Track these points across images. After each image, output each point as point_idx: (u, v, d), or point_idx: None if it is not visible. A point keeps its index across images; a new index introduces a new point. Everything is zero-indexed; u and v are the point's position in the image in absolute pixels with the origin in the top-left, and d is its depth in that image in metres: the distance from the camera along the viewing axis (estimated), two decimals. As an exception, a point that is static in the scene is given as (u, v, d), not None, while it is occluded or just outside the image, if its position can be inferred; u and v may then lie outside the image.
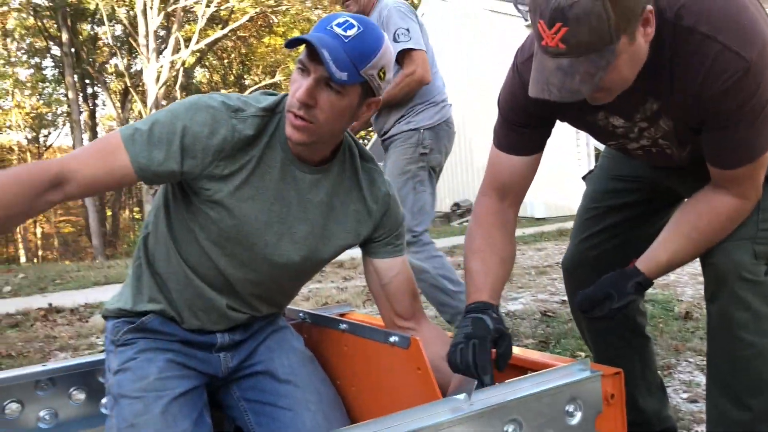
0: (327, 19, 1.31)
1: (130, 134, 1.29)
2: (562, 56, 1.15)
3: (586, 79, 1.15)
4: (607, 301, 1.40)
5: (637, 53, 1.20)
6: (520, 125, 1.48)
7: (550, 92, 1.17)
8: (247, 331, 1.57)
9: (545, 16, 1.13)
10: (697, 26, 1.22)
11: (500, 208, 1.52)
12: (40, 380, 1.62)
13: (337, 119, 1.33)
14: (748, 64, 1.20)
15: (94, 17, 23.71)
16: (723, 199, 1.37)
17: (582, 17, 1.09)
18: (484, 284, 1.41)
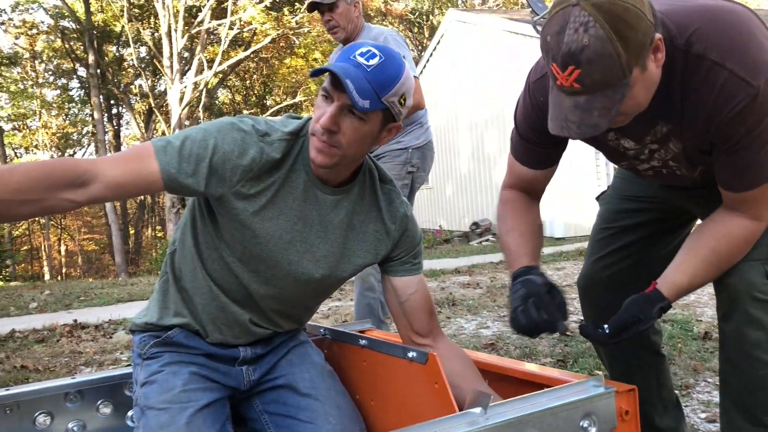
0: (350, 48, 1.36)
1: (162, 145, 1.35)
2: (578, 95, 1.19)
3: (603, 113, 1.19)
4: (634, 325, 1.41)
5: (650, 79, 1.23)
6: (535, 143, 1.54)
7: (570, 129, 1.22)
8: (269, 345, 1.62)
9: (557, 60, 1.17)
10: (707, 53, 1.26)
11: (525, 198, 1.63)
12: (69, 392, 1.68)
13: (360, 144, 1.38)
14: (756, 91, 1.23)
15: (120, 39, 24.21)
16: (739, 222, 1.39)
17: (594, 59, 1.13)
18: (524, 252, 1.51)
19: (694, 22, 1.28)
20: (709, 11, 1.31)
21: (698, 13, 1.30)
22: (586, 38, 1.13)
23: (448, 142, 14.94)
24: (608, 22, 1.13)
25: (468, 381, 1.46)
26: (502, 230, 1.60)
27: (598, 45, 1.13)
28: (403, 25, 27.87)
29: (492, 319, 4.31)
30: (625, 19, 1.13)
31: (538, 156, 1.56)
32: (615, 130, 1.44)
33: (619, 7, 1.13)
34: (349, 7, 3.10)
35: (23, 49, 25.77)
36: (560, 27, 1.16)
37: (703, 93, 1.28)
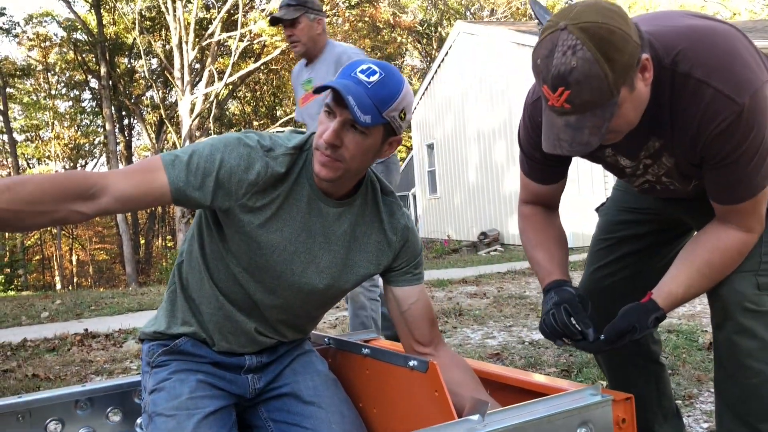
0: (351, 65, 1.41)
1: (170, 159, 1.39)
2: (569, 114, 1.24)
3: (594, 132, 1.24)
4: (629, 333, 1.45)
5: (639, 98, 1.28)
6: (539, 162, 1.59)
7: (562, 147, 1.27)
8: (274, 354, 1.65)
9: (548, 82, 1.22)
10: (693, 72, 1.30)
11: (545, 211, 1.68)
12: (80, 400, 1.71)
13: (362, 158, 1.43)
14: (741, 108, 1.27)
15: (132, 51, 24.47)
16: (731, 234, 1.43)
17: (582, 80, 1.19)
18: (554, 267, 1.56)
19: (680, 42, 1.33)
20: (693, 31, 1.35)
21: (683, 34, 1.34)
22: (574, 60, 1.18)
23: (456, 152, 14.98)
24: (595, 44, 1.17)
25: (468, 389, 1.48)
26: (527, 246, 1.66)
27: (586, 67, 1.18)
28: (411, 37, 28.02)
29: (498, 329, 4.33)
30: (611, 41, 1.18)
31: (545, 173, 1.62)
32: (611, 147, 1.48)
33: (605, 30, 1.18)
34: (311, 24, 3.21)
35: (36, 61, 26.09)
36: (549, 50, 1.21)
37: (690, 110, 1.32)
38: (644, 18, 1.45)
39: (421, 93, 16.90)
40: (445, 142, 15.67)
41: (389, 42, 25.68)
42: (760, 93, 1.29)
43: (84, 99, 28.56)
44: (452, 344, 3.96)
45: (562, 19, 1.22)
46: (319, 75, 3.28)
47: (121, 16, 22.74)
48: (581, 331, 1.41)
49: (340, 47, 3.25)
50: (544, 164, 1.59)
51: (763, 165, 1.34)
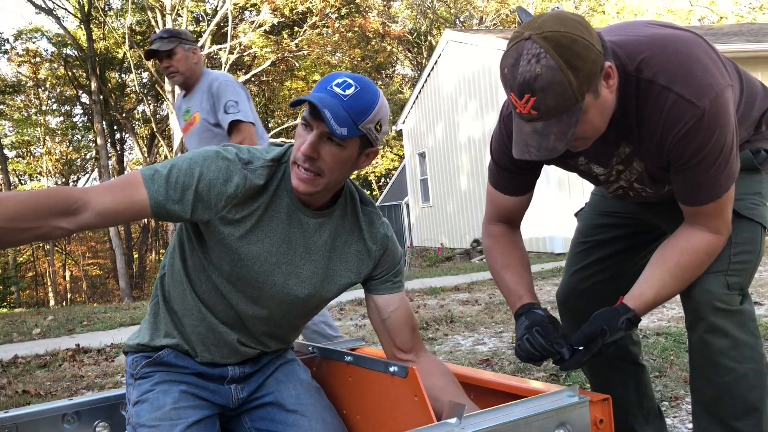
0: (327, 79, 1.44)
1: (150, 174, 1.41)
2: (536, 120, 1.28)
3: (560, 137, 1.28)
4: (600, 337, 1.47)
5: (604, 104, 1.32)
6: (510, 171, 1.62)
7: (530, 153, 1.31)
8: (257, 364, 1.67)
9: (515, 89, 1.26)
10: (656, 78, 1.34)
11: (508, 230, 1.71)
12: (67, 413, 1.72)
13: (339, 169, 1.45)
14: (702, 112, 1.31)
15: (122, 65, 24.49)
16: (699, 236, 1.46)
17: (547, 87, 1.23)
18: (523, 290, 1.60)
19: (643, 50, 1.37)
20: (656, 39, 1.39)
21: (646, 42, 1.39)
22: (539, 68, 1.22)
23: (448, 160, 15.03)
24: (558, 52, 1.22)
25: (449, 394, 1.50)
26: (494, 267, 1.69)
27: (550, 74, 1.22)
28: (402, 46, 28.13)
29: (489, 336, 4.35)
30: (573, 49, 1.22)
31: (514, 183, 1.65)
32: (584, 155, 1.52)
33: (567, 39, 1.22)
34: (186, 54, 3.31)
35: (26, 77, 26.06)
36: (515, 59, 1.25)
37: (655, 116, 1.36)
38: (609, 29, 1.49)
39: (411, 102, 16.96)
40: (436, 151, 15.72)
41: (379, 51, 25.77)
42: (721, 97, 1.33)
43: (75, 114, 28.56)
44: (443, 351, 3.98)
45: (526, 29, 1.26)
46: (194, 104, 3.34)
47: (111, 31, 22.78)
48: (557, 351, 1.45)
49: (213, 75, 3.36)
50: (514, 173, 1.62)
51: (726, 167, 1.38)
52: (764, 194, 1.58)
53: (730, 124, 1.36)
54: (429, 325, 4.85)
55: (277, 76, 24.23)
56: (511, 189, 1.66)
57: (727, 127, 1.35)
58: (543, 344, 1.43)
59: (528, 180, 1.65)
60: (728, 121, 1.35)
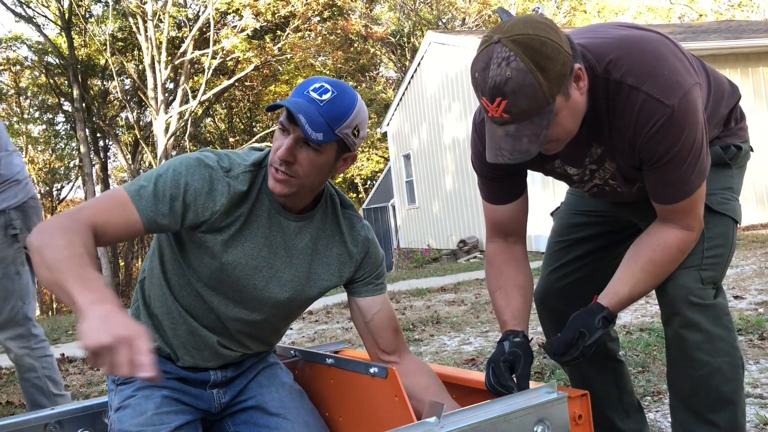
0: (304, 84, 1.44)
1: (135, 190, 1.41)
2: (508, 124, 1.29)
3: (532, 139, 1.29)
4: (580, 340, 1.49)
5: (575, 106, 1.34)
6: (493, 179, 1.63)
7: (503, 156, 1.32)
8: (239, 368, 1.68)
9: (486, 93, 1.27)
10: (624, 79, 1.36)
11: (506, 247, 1.68)
12: (49, 423, 1.71)
13: (316, 174, 1.46)
14: (671, 110, 1.33)
15: (104, 72, 24.32)
16: (671, 232, 1.48)
17: (517, 90, 1.24)
18: (508, 315, 1.57)
19: (610, 51, 1.39)
20: (622, 40, 1.41)
21: (614, 43, 1.41)
22: (509, 71, 1.23)
23: (433, 161, 15.07)
24: (527, 55, 1.23)
25: (432, 394, 1.52)
26: (489, 289, 1.67)
27: (520, 77, 1.23)
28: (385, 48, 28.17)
29: (474, 335, 4.37)
30: (542, 51, 1.24)
31: (500, 191, 1.64)
32: (559, 158, 1.53)
33: (536, 42, 1.24)
34: None
35: (7, 85, 25.82)
36: (485, 63, 1.26)
37: (625, 116, 1.38)
38: (577, 31, 1.51)
39: (395, 104, 16.99)
40: (421, 152, 15.75)
41: (362, 53, 25.79)
42: (689, 95, 1.35)
43: (58, 122, 28.32)
44: (429, 352, 3.99)
45: (496, 33, 1.27)
46: None
47: (92, 38, 22.64)
48: (505, 389, 1.41)
49: None
50: (496, 180, 1.62)
51: (697, 165, 1.40)
52: (735, 189, 1.61)
53: (699, 122, 1.38)
54: (415, 326, 4.87)
55: (261, 81, 24.17)
56: (500, 197, 1.65)
57: (697, 125, 1.37)
58: (492, 384, 1.44)
59: (515, 186, 1.63)
60: (697, 119, 1.37)
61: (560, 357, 1.52)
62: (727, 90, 1.61)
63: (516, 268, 1.65)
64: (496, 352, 1.49)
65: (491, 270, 1.67)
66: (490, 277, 1.67)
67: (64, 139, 28.72)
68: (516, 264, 1.65)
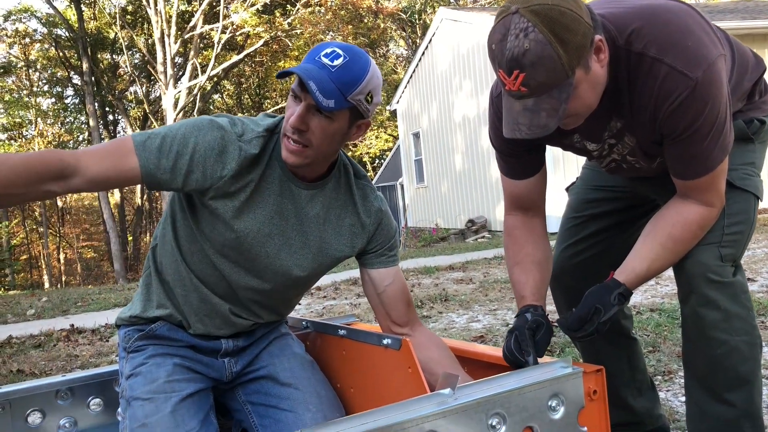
0: (316, 50, 1.41)
1: (142, 141, 1.39)
2: (526, 97, 1.25)
3: (551, 113, 1.25)
4: (595, 316, 1.46)
5: (595, 79, 1.30)
6: (511, 155, 1.59)
7: (521, 131, 1.28)
8: (251, 337, 1.67)
9: (503, 66, 1.23)
10: (646, 51, 1.32)
11: (526, 221, 1.65)
12: (60, 390, 1.72)
13: (329, 142, 1.43)
14: (694, 83, 1.29)
15: (114, 46, 24.27)
16: (691, 208, 1.45)
17: (536, 62, 1.20)
18: (528, 291, 1.55)
19: (633, 22, 1.35)
20: (645, 11, 1.37)
21: (636, 14, 1.37)
22: (527, 43, 1.19)
23: (443, 140, 15.00)
24: (546, 26, 1.19)
25: (444, 367, 1.50)
26: (508, 264, 1.65)
27: (539, 48, 1.19)
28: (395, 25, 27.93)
29: (483, 313, 4.37)
30: (562, 22, 1.20)
31: (519, 167, 1.61)
32: (578, 133, 1.50)
33: (555, 12, 1.20)
34: None
35: (17, 58, 25.80)
36: (503, 35, 1.23)
37: (647, 88, 1.34)
38: (598, 2, 1.46)
39: (405, 81, 16.87)
40: (431, 131, 15.67)
41: (372, 29, 25.57)
42: (713, 67, 1.31)
43: (67, 96, 28.35)
44: (437, 329, 3.99)
45: (513, 3, 1.23)
46: None
47: (102, 11, 22.54)
48: (523, 359, 1.40)
49: None
50: (514, 156, 1.59)
51: (720, 139, 1.36)
52: (757, 164, 1.57)
53: (723, 95, 1.34)
54: (423, 303, 4.87)
55: (270, 56, 24.04)
56: (519, 173, 1.62)
57: (720, 98, 1.33)
58: (511, 349, 1.41)
59: (534, 161, 1.60)
60: (721, 92, 1.33)
61: (574, 332, 1.50)
62: (752, 62, 1.57)
63: (535, 244, 1.62)
64: (519, 321, 1.47)
65: (511, 243, 1.65)
66: (510, 251, 1.64)
67: (73, 113, 28.74)
68: (535, 240, 1.63)
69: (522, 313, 1.50)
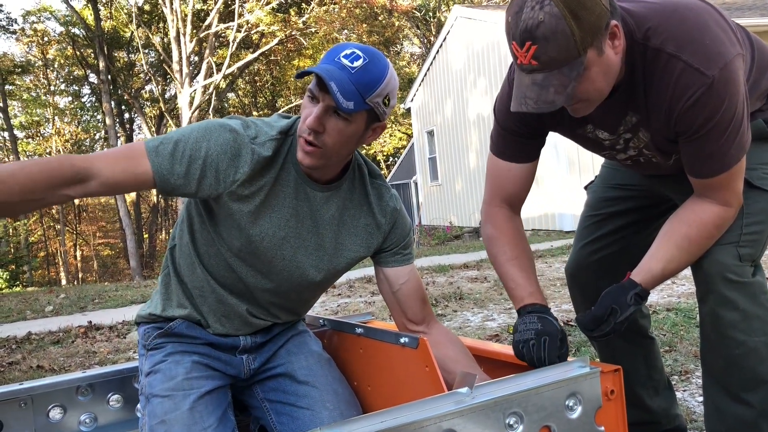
0: (335, 50, 1.40)
1: (155, 146, 1.39)
2: (536, 72, 1.25)
3: (559, 90, 1.25)
4: (611, 316, 1.45)
5: (608, 65, 1.29)
6: (516, 134, 1.57)
7: (528, 105, 1.27)
8: (269, 334, 1.68)
9: (516, 38, 1.24)
10: (664, 46, 1.32)
11: (511, 216, 1.63)
12: (81, 386, 1.74)
13: (345, 144, 1.43)
14: (711, 80, 1.29)
15: (130, 45, 24.44)
16: (708, 208, 1.44)
17: (549, 35, 1.20)
18: (534, 288, 1.52)
19: (651, 17, 1.34)
20: (665, 7, 1.37)
21: (655, 10, 1.36)
22: (541, 15, 1.20)
23: (457, 138, 14.97)
24: (562, 0, 1.19)
25: (461, 365, 1.51)
26: (500, 258, 1.58)
27: (553, 22, 1.19)
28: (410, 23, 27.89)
29: (498, 312, 4.36)
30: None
31: (516, 146, 1.58)
32: (591, 122, 1.49)
33: None
34: None
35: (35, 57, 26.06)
36: (519, 7, 1.23)
37: (662, 84, 1.34)
38: None
39: (420, 80, 16.85)
40: (445, 129, 15.65)
41: (387, 27, 25.54)
42: (730, 66, 1.30)
43: (84, 94, 28.60)
44: (452, 327, 3.99)
45: None
46: None
47: (118, 10, 22.70)
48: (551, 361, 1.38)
49: None
50: (520, 136, 1.56)
51: (737, 137, 1.35)
52: None
53: (740, 93, 1.33)
54: (438, 301, 4.87)
55: (285, 55, 24.09)
56: (516, 155, 1.58)
57: (737, 96, 1.32)
58: (541, 358, 1.39)
59: (532, 147, 1.58)
60: (738, 90, 1.32)
61: (590, 332, 1.50)
62: None
63: (525, 243, 1.60)
64: (548, 327, 1.42)
65: (502, 238, 1.59)
66: (502, 245, 1.59)
67: (89, 112, 29.00)
68: (523, 238, 1.61)
69: (541, 312, 1.47)
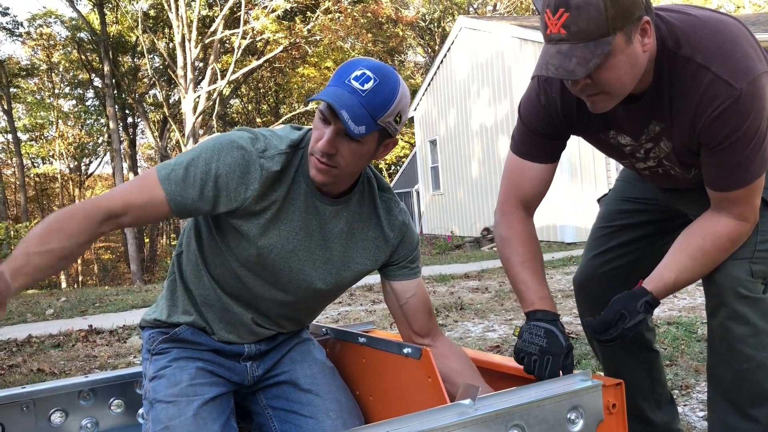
0: (345, 70, 1.39)
1: (166, 174, 1.41)
2: (563, 42, 1.27)
3: (581, 62, 1.26)
4: (620, 321, 1.46)
5: (634, 57, 1.30)
6: (539, 134, 1.58)
7: (548, 70, 1.29)
8: (273, 342, 1.68)
9: (551, 5, 1.26)
10: (694, 56, 1.34)
11: (526, 218, 1.63)
12: (83, 390, 1.74)
13: (357, 163, 1.44)
14: (738, 93, 1.30)
15: (135, 50, 24.52)
16: (724, 222, 1.45)
17: (582, 6, 1.23)
18: (545, 294, 1.52)
19: (685, 28, 1.37)
20: (698, 20, 1.39)
21: (688, 21, 1.38)
22: None
23: (459, 148, 14.99)
24: None
25: (465, 377, 1.51)
26: (512, 259, 1.58)
27: None
28: (414, 33, 27.99)
29: (499, 323, 4.36)
30: None
31: (538, 145, 1.58)
32: (614, 127, 1.50)
33: None
34: None
35: (40, 60, 26.16)
36: None
37: (689, 94, 1.35)
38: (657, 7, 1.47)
39: (423, 89, 16.89)
40: (448, 138, 15.67)
41: (392, 36, 25.63)
42: (758, 81, 1.32)
43: (88, 98, 28.66)
44: (453, 337, 3.99)
45: None
46: None
47: (124, 15, 22.80)
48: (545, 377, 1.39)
49: None
50: (541, 136, 1.57)
51: (759, 153, 1.36)
52: None
53: (765, 109, 1.34)
54: (439, 311, 4.87)
55: (290, 63, 24.16)
56: (539, 155, 1.59)
57: (763, 112, 1.33)
58: (542, 375, 1.39)
59: (554, 148, 1.59)
60: (764, 106, 1.33)
61: (599, 336, 1.49)
62: None
63: (537, 245, 1.61)
64: (554, 344, 1.42)
65: (516, 239, 1.59)
66: (516, 247, 1.58)
67: (93, 115, 29.06)
68: (536, 243, 1.61)
69: (548, 322, 1.46)
